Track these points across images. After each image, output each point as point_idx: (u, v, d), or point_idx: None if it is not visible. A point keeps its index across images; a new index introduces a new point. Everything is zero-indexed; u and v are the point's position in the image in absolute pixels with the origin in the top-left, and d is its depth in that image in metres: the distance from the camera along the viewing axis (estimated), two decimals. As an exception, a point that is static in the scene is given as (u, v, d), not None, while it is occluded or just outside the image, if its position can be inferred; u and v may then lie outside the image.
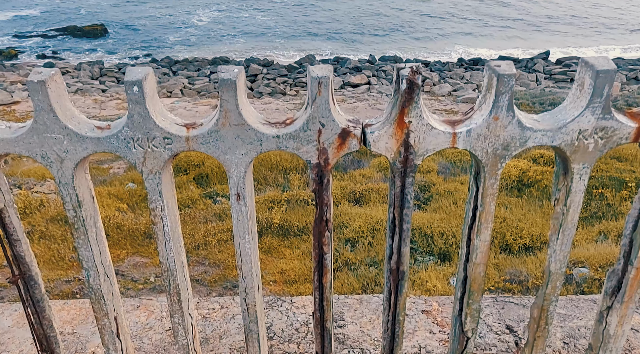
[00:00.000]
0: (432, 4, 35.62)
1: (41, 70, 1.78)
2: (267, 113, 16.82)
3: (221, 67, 1.85)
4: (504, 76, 1.71)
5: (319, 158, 1.92)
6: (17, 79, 19.29)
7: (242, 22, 33.15)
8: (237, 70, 1.83)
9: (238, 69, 1.84)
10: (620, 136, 1.77)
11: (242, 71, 1.86)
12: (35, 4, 36.37)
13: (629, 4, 33.41)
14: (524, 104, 14.60)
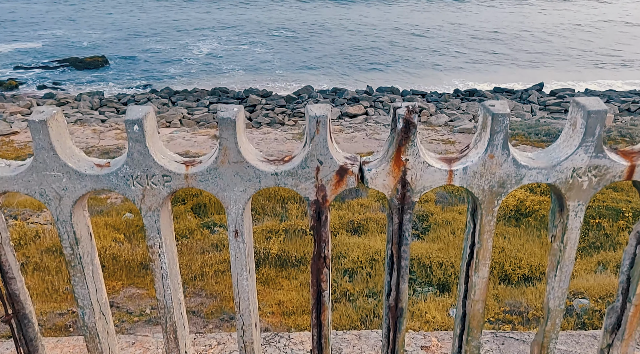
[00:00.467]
0: (427, 39, 36.41)
1: (43, 109, 1.81)
2: (266, 143, 16.92)
3: (221, 106, 1.89)
4: (499, 116, 1.75)
5: (317, 195, 1.94)
6: (16, 109, 19.45)
7: (241, 54, 33.75)
8: (236, 110, 1.87)
9: (237, 108, 1.87)
10: (614, 174, 1.79)
11: (242, 110, 1.90)
12: (38, 37, 37.06)
13: (619, 40, 34.26)
14: (519, 135, 14.75)
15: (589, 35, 35.87)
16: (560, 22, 40.27)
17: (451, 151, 14.93)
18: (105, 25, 41.20)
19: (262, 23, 42.51)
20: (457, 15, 45.52)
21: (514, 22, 41.96)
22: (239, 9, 47.72)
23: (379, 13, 46.64)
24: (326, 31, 39.24)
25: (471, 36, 37.10)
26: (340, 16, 45.51)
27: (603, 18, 41.59)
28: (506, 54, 32.57)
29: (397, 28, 40.32)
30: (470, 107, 20.89)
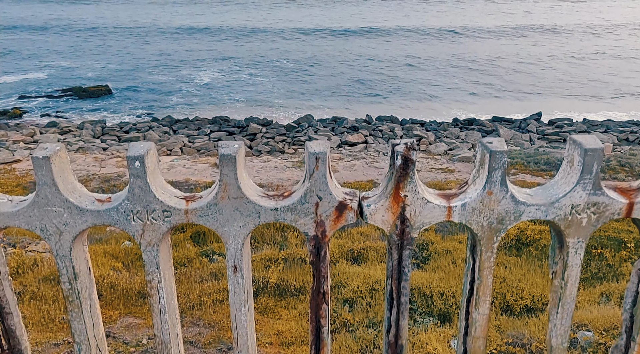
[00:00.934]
0: (424, 69, 36.99)
1: (46, 145, 1.83)
2: (266, 171, 16.97)
3: (221, 143, 1.91)
4: (496, 153, 1.77)
5: (317, 230, 1.94)
6: (20, 138, 19.59)
7: (242, 84, 34.23)
8: (236, 146, 1.89)
9: (238, 145, 1.90)
10: (612, 212, 1.80)
11: (242, 146, 1.92)
12: (44, 68, 37.70)
13: (612, 72, 34.81)
14: (519, 164, 14.80)
15: (583, 66, 36.44)
16: (554, 53, 40.98)
17: (451, 179, 14.98)
18: (110, 57, 41.90)
19: (262, 54, 43.25)
20: (453, 47, 46.37)
21: (510, 54, 42.73)
22: (240, 41, 48.64)
23: (377, 45, 47.56)
24: (325, 62, 39.89)
25: (468, 67, 37.70)
26: (339, 48, 46.36)
27: (594, 50, 42.40)
28: (503, 84, 33.02)
29: (395, 59, 41.01)
30: (470, 136, 21.04)
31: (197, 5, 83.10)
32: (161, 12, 76.62)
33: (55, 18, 68.64)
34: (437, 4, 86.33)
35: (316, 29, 51.03)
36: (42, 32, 54.48)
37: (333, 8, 73.64)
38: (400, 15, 61.43)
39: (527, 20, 63.19)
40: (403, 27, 52.67)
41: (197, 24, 59.66)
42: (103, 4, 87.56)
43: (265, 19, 67.52)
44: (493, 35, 50.27)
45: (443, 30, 52.44)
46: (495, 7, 78.25)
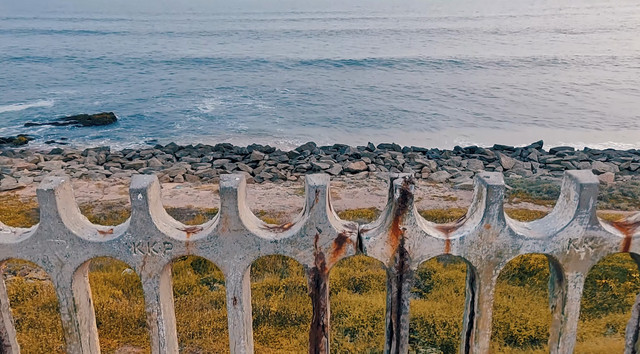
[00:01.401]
0: (425, 98, 37.42)
1: (51, 178, 1.87)
2: (268, 198, 16.98)
3: (223, 176, 1.95)
4: (494, 187, 1.79)
5: (316, 263, 1.95)
6: (24, 165, 19.75)
7: (245, 111, 34.63)
8: (238, 179, 1.92)
9: (239, 178, 1.93)
10: (610, 246, 1.81)
11: (243, 179, 1.95)
12: (50, 96, 38.35)
13: (613, 102, 35.17)
14: (521, 192, 14.79)
15: (582, 96, 36.81)
16: (553, 84, 41.49)
17: (453, 207, 14.96)
18: (115, 86, 42.60)
19: (265, 84, 43.93)
20: (453, 77, 47.00)
21: (510, 84, 43.29)
22: (243, 71, 49.45)
23: (377, 75, 48.28)
24: (327, 91, 40.43)
25: (469, 96, 38.13)
26: (341, 78, 47.06)
27: (592, 81, 42.97)
28: (504, 113, 33.32)
29: (396, 88, 41.56)
30: (471, 164, 21.10)
31: (201, 36, 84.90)
32: (166, 43, 78.28)
33: (62, 48, 70.18)
34: (436, 34, 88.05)
35: (318, 60, 51.91)
36: (49, 62, 55.61)
37: (333, 39, 75.05)
38: (401, 47, 62.52)
39: (527, 51, 64.34)
40: (404, 58, 53.50)
41: (201, 55, 60.82)
42: (109, 35, 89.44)
43: (267, 49, 68.89)
44: (492, 66, 51.05)
45: (443, 60, 53.27)
46: (495, 38, 79.66)
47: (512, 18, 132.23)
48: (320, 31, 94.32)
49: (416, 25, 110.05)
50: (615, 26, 74.44)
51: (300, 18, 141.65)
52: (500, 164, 21.20)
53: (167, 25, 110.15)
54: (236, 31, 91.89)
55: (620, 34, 69.11)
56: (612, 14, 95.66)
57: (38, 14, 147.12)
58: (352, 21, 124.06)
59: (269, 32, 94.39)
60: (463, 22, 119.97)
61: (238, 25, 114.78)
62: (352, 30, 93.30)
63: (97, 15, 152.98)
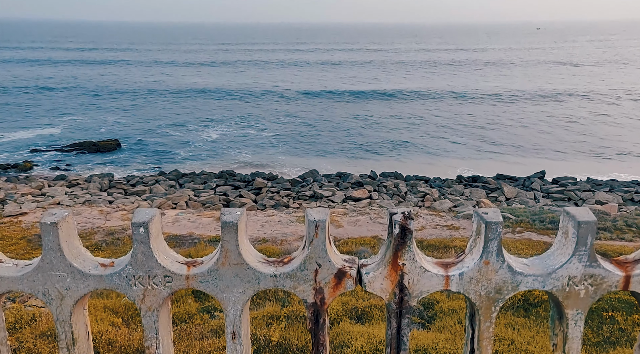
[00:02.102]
0: (426, 128, 37.71)
1: (55, 211, 1.90)
2: (270, 225, 16.94)
3: (224, 209, 1.97)
4: (492, 224, 1.81)
5: (315, 297, 1.95)
6: (28, 191, 19.84)
7: (249, 139, 34.93)
8: (239, 213, 1.94)
9: (240, 212, 1.95)
10: (610, 284, 1.81)
11: (244, 213, 1.97)
12: (58, 123, 38.90)
13: (613, 133, 35.38)
14: (524, 222, 14.72)
15: (582, 128, 37.06)
16: (553, 115, 41.82)
17: (456, 236, 14.87)
18: (121, 113, 43.18)
19: (269, 113, 44.47)
20: (455, 108, 47.45)
21: (503, 118, 43.64)
22: (248, 101, 50.10)
23: (380, 106, 48.82)
24: (331, 120, 40.85)
25: (471, 127, 38.43)
26: (344, 107, 47.62)
27: (591, 113, 43.37)
28: (506, 143, 33.47)
29: (399, 118, 41.96)
30: (474, 194, 21.07)
31: (206, 66, 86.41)
32: (172, 72, 79.66)
33: (70, 77, 71.50)
34: (440, 66, 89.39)
35: (322, 91, 52.59)
36: (58, 91, 56.62)
37: (336, 70, 76.19)
38: (403, 78, 63.39)
39: (527, 84, 65.19)
40: (405, 89, 54.17)
41: (206, 84, 61.80)
42: (117, 64, 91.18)
43: (271, 79, 69.96)
44: (493, 97, 51.62)
45: (445, 92, 53.90)
46: (497, 70, 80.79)
47: (512, 51, 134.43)
48: (323, 61, 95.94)
49: (418, 56, 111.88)
50: (613, 59, 75.36)
51: (305, 48, 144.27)
52: (503, 193, 21.17)
53: (173, 55, 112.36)
54: (241, 61, 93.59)
55: (618, 67, 69.96)
56: (609, 48, 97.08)
57: (47, 44, 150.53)
58: (354, 52, 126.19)
59: (273, 62, 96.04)
60: (464, 53, 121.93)
61: (243, 55, 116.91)
62: (354, 61, 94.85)
63: (105, 45, 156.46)
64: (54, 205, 17.55)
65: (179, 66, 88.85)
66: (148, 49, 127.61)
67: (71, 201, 18.20)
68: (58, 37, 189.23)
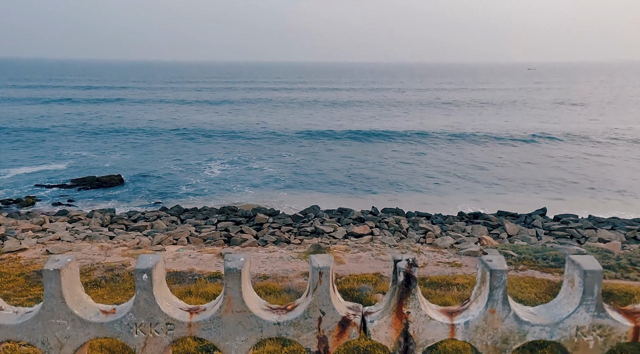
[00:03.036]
0: (428, 167, 37.88)
1: (58, 257, 1.89)
2: (271, 261, 16.78)
3: (227, 256, 1.96)
4: (497, 272, 1.79)
5: (319, 346, 1.91)
6: (29, 226, 19.77)
7: (251, 174, 35.07)
8: (242, 259, 1.93)
9: (244, 258, 1.94)
10: (619, 335, 1.77)
11: (248, 260, 1.96)
12: (63, 158, 39.22)
13: (612, 172, 35.54)
14: (527, 259, 14.55)
15: (578, 167, 37.23)
16: (552, 155, 42.08)
17: (458, 273, 14.69)
18: (125, 150, 43.55)
19: (272, 150, 44.84)
20: (455, 147, 47.79)
21: (502, 156, 43.95)
22: (251, 138, 50.58)
23: (380, 147, 49.18)
24: (333, 158, 41.12)
25: (471, 165, 38.63)
26: (345, 146, 48.01)
27: (583, 152, 43.73)
28: (506, 180, 33.56)
29: (400, 154, 42.25)
30: (475, 230, 20.95)
31: (209, 105, 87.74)
32: (176, 110, 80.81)
33: (76, 115, 72.55)
34: (441, 106, 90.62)
35: (327, 130, 53.06)
36: (61, 128, 57.35)
37: (338, 112, 77.19)
38: (402, 118, 64.17)
39: (525, 124, 65.89)
40: (404, 128, 54.71)
41: (209, 122, 62.61)
42: (122, 102, 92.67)
43: (273, 117, 70.85)
44: (493, 138, 52.12)
45: (445, 132, 54.37)
46: (494, 110, 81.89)
47: (507, 91, 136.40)
48: (325, 100, 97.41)
49: (418, 96, 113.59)
50: (611, 99, 76.32)
51: (307, 87, 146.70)
52: (505, 230, 21.04)
53: (178, 93, 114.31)
54: (246, 100, 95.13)
55: (616, 107, 70.94)
56: (605, 88, 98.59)
57: (53, 82, 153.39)
58: (356, 91, 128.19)
59: (275, 100, 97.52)
60: (464, 93, 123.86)
61: (246, 93, 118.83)
62: (356, 100, 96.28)
63: (111, 83, 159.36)
64: (54, 241, 17.45)
65: (181, 104, 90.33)
66: (153, 87, 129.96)
67: (72, 237, 18.10)
68: (59, 76, 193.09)
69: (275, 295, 11.56)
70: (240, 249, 18.18)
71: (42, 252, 15.87)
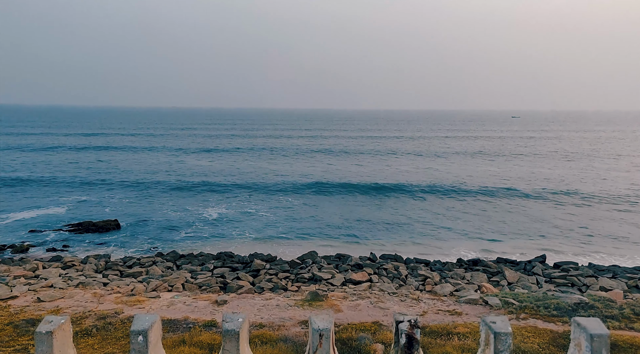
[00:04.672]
0: (427, 214, 37.89)
1: (52, 318, 1.84)
2: (268, 309, 16.45)
3: (226, 316, 1.92)
4: (501, 334, 1.75)
5: (319, 413, 1.84)
6: (21, 273, 19.42)
7: (248, 219, 34.91)
8: (240, 320, 1.89)
9: (242, 319, 1.90)
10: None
11: (246, 320, 1.92)
12: (63, 203, 39.07)
13: (608, 221, 35.62)
14: (528, 308, 14.29)
15: (572, 215, 37.34)
16: (548, 203, 42.29)
17: (459, 322, 14.38)
18: (123, 194, 43.46)
19: (270, 195, 44.87)
20: (452, 195, 47.97)
21: (498, 205, 44.11)
22: (250, 183, 50.66)
23: (377, 193, 49.31)
24: (330, 204, 41.10)
25: (470, 212, 38.66)
26: (342, 194, 48.12)
27: (579, 201, 44.00)
28: (505, 228, 33.50)
29: (398, 204, 42.32)
30: (475, 277, 20.67)
31: (208, 152, 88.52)
32: (176, 156, 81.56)
33: (75, 160, 73.09)
34: (443, 155, 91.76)
35: (327, 182, 53.21)
36: (65, 173, 57.57)
37: (338, 161, 77.86)
38: (403, 171, 64.65)
39: (512, 172, 66.54)
40: (408, 181, 54.96)
41: (209, 168, 62.98)
42: (124, 150, 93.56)
43: (273, 164, 71.44)
44: (490, 187, 52.45)
45: (444, 185, 54.72)
46: (494, 162, 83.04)
47: (495, 139, 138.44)
48: (323, 149, 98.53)
49: (414, 145, 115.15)
50: (608, 154, 77.51)
51: (307, 135, 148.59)
52: (505, 277, 20.78)
53: (178, 141, 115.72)
54: (244, 148, 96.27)
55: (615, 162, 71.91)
56: (601, 143, 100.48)
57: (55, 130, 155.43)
58: (358, 140, 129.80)
59: (279, 148, 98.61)
60: (454, 141, 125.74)
61: (244, 141, 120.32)
62: (357, 150, 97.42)
63: (109, 130, 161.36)
64: (47, 288, 17.12)
65: (183, 151, 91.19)
66: (155, 133, 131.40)
67: (64, 284, 17.77)
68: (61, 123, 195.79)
69: (271, 344, 11.23)
70: (236, 296, 17.84)
71: (34, 299, 15.51)
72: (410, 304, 17.09)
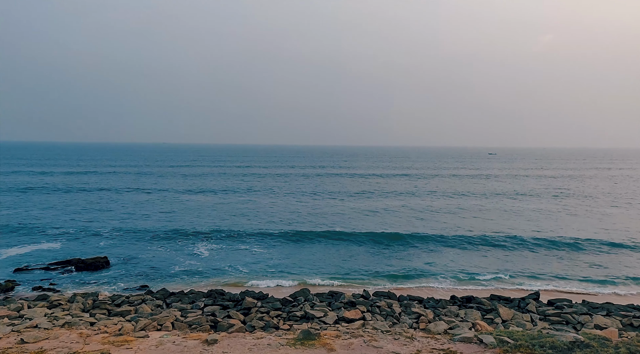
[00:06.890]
0: (419, 249, 37.87)
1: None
2: (259, 349, 16.13)
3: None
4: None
5: None
6: (5, 313, 18.92)
7: (239, 255, 34.57)
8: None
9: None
10: None
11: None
12: (54, 240, 38.50)
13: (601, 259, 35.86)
14: (523, 346, 14.13)
15: (570, 251, 37.51)
16: (541, 236, 42.56)
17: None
18: (114, 231, 42.96)
19: (261, 228, 44.68)
20: (447, 224, 48.20)
21: (501, 233, 44.24)
22: (239, 221, 50.50)
23: (371, 223, 49.44)
24: (324, 238, 40.94)
25: (462, 246, 38.67)
26: (337, 225, 48.16)
27: (572, 237, 44.33)
28: (498, 264, 33.47)
29: (392, 237, 42.28)
30: (469, 315, 20.48)
31: (204, 178, 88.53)
32: (166, 192, 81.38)
33: (68, 199, 72.62)
34: (439, 177, 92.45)
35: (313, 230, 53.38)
36: (53, 211, 57.10)
37: (332, 181, 78.28)
38: (392, 201, 64.97)
39: (518, 202, 67.00)
40: (403, 205, 55.29)
41: (199, 204, 62.79)
42: (119, 190, 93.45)
43: (263, 201, 71.50)
44: (487, 212, 52.72)
45: (434, 210, 55.03)
46: (486, 198, 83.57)
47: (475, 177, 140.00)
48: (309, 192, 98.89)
49: (407, 183, 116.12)
50: (604, 193, 78.93)
51: (300, 172, 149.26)
52: (499, 315, 20.61)
53: (172, 181, 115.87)
54: (233, 188, 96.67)
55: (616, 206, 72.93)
56: (595, 184, 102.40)
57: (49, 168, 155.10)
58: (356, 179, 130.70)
59: (280, 188, 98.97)
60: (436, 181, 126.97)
61: (234, 180, 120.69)
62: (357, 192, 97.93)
63: (103, 167, 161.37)
64: (31, 328, 16.69)
65: (175, 177, 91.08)
66: (145, 171, 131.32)
67: (50, 324, 17.35)
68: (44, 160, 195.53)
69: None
70: (227, 335, 17.50)
71: (17, 341, 15.10)
72: (404, 342, 16.84)
